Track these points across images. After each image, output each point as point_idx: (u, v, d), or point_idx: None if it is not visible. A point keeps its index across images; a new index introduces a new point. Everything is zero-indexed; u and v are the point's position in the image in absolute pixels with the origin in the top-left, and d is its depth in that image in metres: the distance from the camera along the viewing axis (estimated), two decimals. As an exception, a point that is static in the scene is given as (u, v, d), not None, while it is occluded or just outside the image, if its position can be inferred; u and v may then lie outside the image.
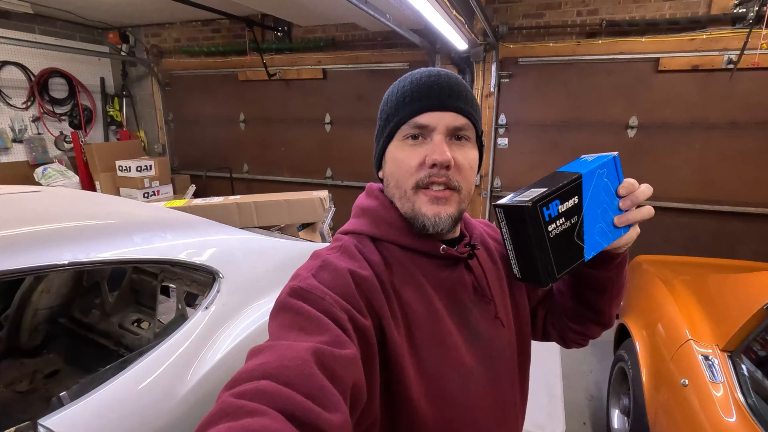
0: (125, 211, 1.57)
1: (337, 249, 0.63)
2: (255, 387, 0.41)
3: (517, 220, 0.54)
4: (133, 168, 4.08)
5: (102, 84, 4.95)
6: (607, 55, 3.26)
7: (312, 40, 4.11)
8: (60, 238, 1.20)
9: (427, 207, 0.61)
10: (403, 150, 0.62)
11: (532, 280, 0.57)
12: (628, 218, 0.60)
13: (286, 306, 0.54)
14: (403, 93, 0.63)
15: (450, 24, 2.50)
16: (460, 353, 0.63)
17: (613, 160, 0.60)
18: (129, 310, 2.26)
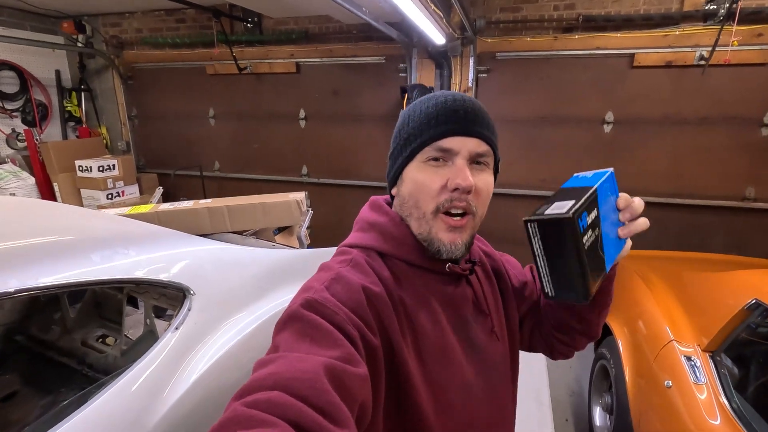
0: (82, 224, 1.43)
1: (347, 262, 0.63)
2: (267, 397, 0.41)
3: (555, 233, 0.53)
4: (94, 168, 3.83)
5: (57, 77, 4.62)
6: (583, 51, 3.26)
7: (284, 33, 3.95)
8: (5, 262, 1.06)
9: (444, 234, 0.62)
10: (424, 171, 0.63)
11: (569, 296, 0.56)
12: (631, 229, 0.62)
13: (298, 317, 0.53)
14: (428, 115, 0.63)
15: (428, 17, 2.42)
16: (462, 366, 0.65)
17: (612, 176, 0.63)
18: (93, 326, 2.11)
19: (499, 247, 0.88)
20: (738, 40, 2.82)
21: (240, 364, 1.43)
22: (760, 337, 1.50)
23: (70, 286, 1.16)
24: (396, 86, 3.69)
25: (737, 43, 2.80)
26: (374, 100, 3.85)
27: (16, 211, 1.50)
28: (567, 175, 2.78)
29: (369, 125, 3.93)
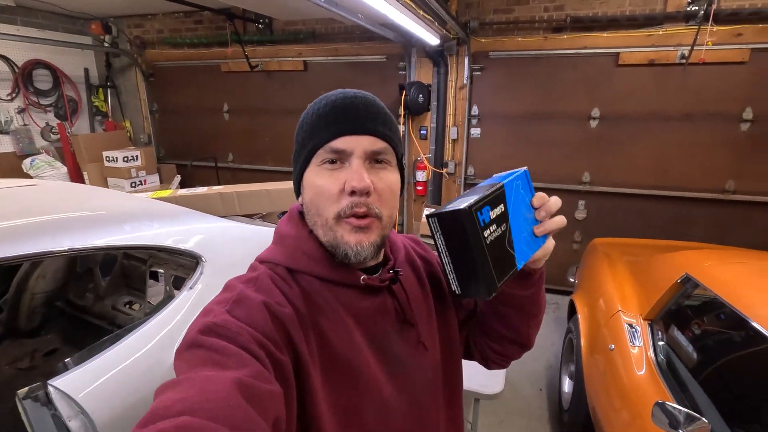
0: (115, 203, 1.74)
1: (253, 281, 0.60)
2: (174, 425, 0.38)
3: (454, 228, 0.53)
4: (119, 158, 4.20)
5: (86, 75, 5.00)
6: (571, 50, 3.45)
7: (292, 33, 4.23)
8: (59, 228, 1.37)
9: (350, 235, 0.59)
10: (320, 176, 0.60)
11: (474, 292, 0.55)
12: (546, 227, 0.61)
13: (197, 343, 0.50)
14: (319, 115, 0.60)
15: (418, 23, 2.66)
16: (377, 384, 0.62)
17: (525, 174, 0.62)
18: (121, 293, 2.44)
19: None
20: (713, 40, 2.98)
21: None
22: (690, 305, 1.73)
23: (109, 249, 1.46)
24: (396, 83, 3.94)
25: (711, 43, 2.96)
26: (376, 96, 4.10)
27: (62, 192, 1.82)
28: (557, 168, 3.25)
29: (371, 120, 4.19)
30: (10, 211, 1.44)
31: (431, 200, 4.15)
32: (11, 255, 1.23)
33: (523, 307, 0.70)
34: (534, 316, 0.73)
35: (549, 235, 0.62)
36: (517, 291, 0.67)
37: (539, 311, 0.73)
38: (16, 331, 2.41)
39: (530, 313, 0.71)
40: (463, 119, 3.91)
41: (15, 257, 1.23)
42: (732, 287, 1.52)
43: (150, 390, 1.41)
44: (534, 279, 0.67)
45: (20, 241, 1.26)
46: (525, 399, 2.62)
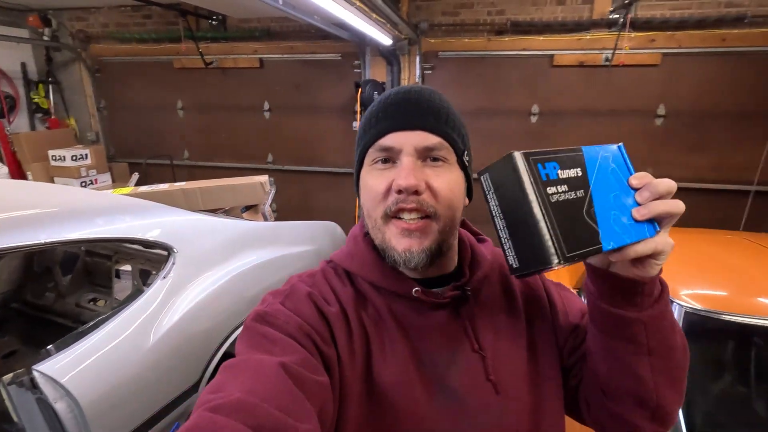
0: (83, 198, 1.79)
1: (311, 277, 0.62)
2: (231, 401, 0.41)
3: (508, 179, 0.44)
4: (67, 157, 4.06)
5: (23, 69, 4.75)
6: (512, 51, 3.76)
7: (247, 30, 4.26)
8: (34, 223, 1.43)
9: (397, 240, 0.55)
10: (371, 175, 0.57)
11: (535, 261, 0.44)
12: (650, 208, 0.47)
13: (251, 330, 0.54)
14: (371, 114, 0.59)
15: (371, 24, 2.83)
16: (419, 411, 0.55)
17: (619, 149, 0.54)
18: (84, 291, 2.45)
19: None
20: (630, 45, 3.38)
21: (211, 307, 1.82)
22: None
23: (86, 241, 1.53)
24: (352, 81, 4.09)
25: (628, 48, 3.36)
26: (332, 94, 4.25)
27: (26, 188, 1.83)
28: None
29: (328, 116, 4.33)
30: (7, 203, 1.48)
31: (388, 193, 4.36)
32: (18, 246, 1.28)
33: (638, 340, 0.51)
34: (661, 356, 0.51)
35: (661, 228, 0.48)
36: (627, 312, 0.50)
37: (670, 350, 0.52)
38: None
39: (652, 349, 0.51)
40: (416, 115, 4.13)
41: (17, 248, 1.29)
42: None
43: (131, 371, 1.50)
44: (646, 293, 0.49)
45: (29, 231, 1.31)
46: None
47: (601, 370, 0.56)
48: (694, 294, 1.45)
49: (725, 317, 1.34)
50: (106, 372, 1.44)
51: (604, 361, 0.55)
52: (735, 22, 3.28)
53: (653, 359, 0.51)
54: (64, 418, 1.32)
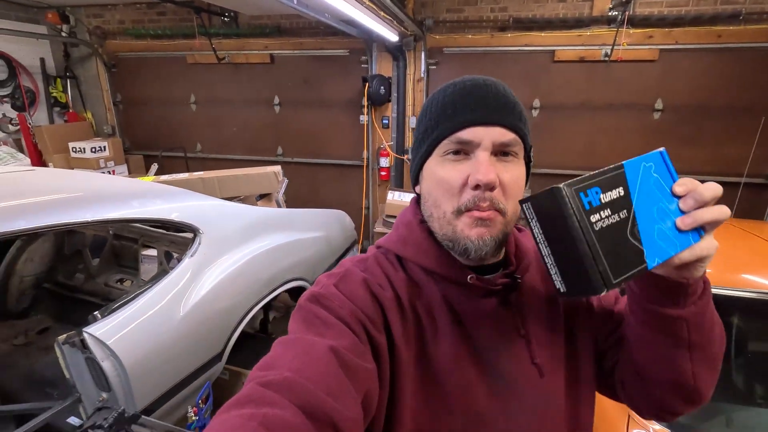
0: (120, 184, 1.97)
1: (363, 262, 0.63)
2: (281, 379, 0.44)
3: (552, 211, 0.46)
4: (87, 149, 4.24)
5: (42, 65, 4.93)
6: (514, 47, 3.89)
7: (258, 27, 4.41)
8: (83, 203, 1.60)
9: (471, 229, 0.55)
10: (443, 167, 0.57)
11: (582, 289, 0.46)
12: (695, 218, 0.48)
13: (305, 309, 0.55)
14: (445, 104, 0.58)
15: (378, 22, 2.97)
16: (471, 394, 0.58)
17: (660, 155, 0.53)
18: (112, 272, 2.64)
19: None
20: (630, 41, 3.50)
21: (232, 286, 1.99)
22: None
23: (124, 221, 1.70)
24: (359, 75, 4.24)
25: (626, 44, 3.48)
26: (340, 88, 4.40)
27: (66, 176, 2.01)
28: None
29: (336, 110, 4.48)
30: (29, 190, 1.65)
31: (394, 184, 4.51)
32: (44, 225, 1.46)
33: (680, 335, 0.54)
34: (701, 348, 0.55)
35: (705, 232, 0.49)
36: (669, 310, 0.53)
37: (709, 343, 0.56)
38: (5, 313, 2.55)
39: (693, 343, 0.54)
40: (421, 109, 4.28)
41: (49, 226, 1.46)
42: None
43: (165, 338, 1.68)
44: (690, 293, 0.52)
45: (51, 213, 1.49)
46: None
47: (639, 358, 0.59)
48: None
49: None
50: (145, 337, 1.62)
51: (643, 351, 0.58)
52: (730, 19, 3.40)
53: (693, 352, 0.55)
54: (110, 376, 1.50)
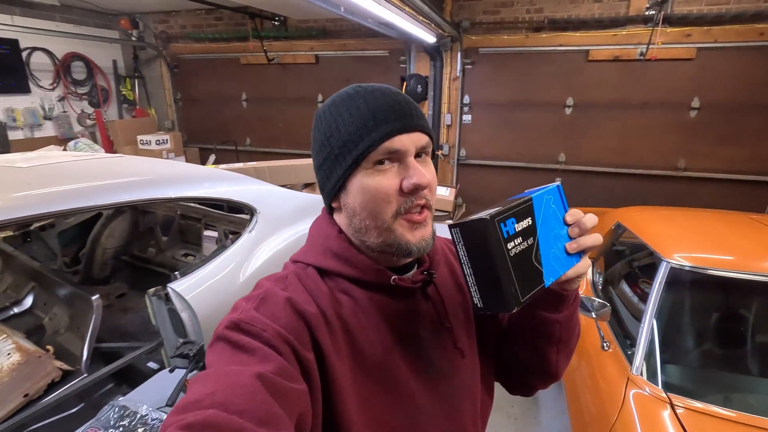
0: (193, 169, 2.32)
1: (281, 280, 0.62)
2: (202, 419, 0.41)
3: (476, 238, 0.51)
4: (152, 141, 4.74)
5: (114, 66, 5.51)
6: (549, 47, 4.00)
7: (305, 29, 4.75)
8: (168, 182, 1.94)
9: (410, 234, 0.58)
10: (374, 178, 0.58)
11: (497, 306, 0.53)
12: (579, 244, 0.58)
13: (224, 338, 0.53)
14: (362, 116, 0.58)
15: (417, 25, 3.20)
16: (408, 388, 0.61)
17: (557, 189, 0.60)
18: (178, 248, 3.02)
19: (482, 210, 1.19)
20: (666, 40, 3.55)
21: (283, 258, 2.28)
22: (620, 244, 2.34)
23: (200, 199, 2.04)
24: (398, 75, 4.49)
25: (661, 43, 3.53)
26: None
27: (148, 162, 2.38)
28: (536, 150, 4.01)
29: (375, 108, 4.75)
30: (122, 172, 2.02)
31: (428, 178, 4.73)
32: (138, 199, 1.80)
33: (553, 333, 0.66)
34: (565, 343, 0.68)
35: (583, 253, 0.59)
36: (549, 314, 0.64)
37: (571, 338, 0.69)
38: (91, 279, 2.99)
39: (561, 339, 0.67)
40: (456, 107, 4.47)
41: (145, 200, 1.80)
42: (645, 227, 2.12)
43: (229, 298, 2.00)
44: (568, 301, 0.63)
45: (145, 190, 1.83)
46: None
47: (518, 350, 0.71)
48: (685, 256, 1.75)
49: (708, 272, 1.63)
50: (213, 296, 1.94)
51: (523, 345, 0.70)
52: (773, 17, 3.38)
53: (560, 346, 0.68)
54: (187, 324, 1.83)
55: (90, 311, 1.79)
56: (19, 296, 2.16)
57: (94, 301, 1.79)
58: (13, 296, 2.18)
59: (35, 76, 4.68)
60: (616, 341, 1.73)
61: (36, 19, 4.61)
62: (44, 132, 4.85)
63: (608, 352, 1.70)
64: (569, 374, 1.95)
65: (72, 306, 1.96)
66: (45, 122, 4.83)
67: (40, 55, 4.72)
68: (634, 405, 1.45)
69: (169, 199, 1.90)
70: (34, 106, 4.71)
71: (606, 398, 1.55)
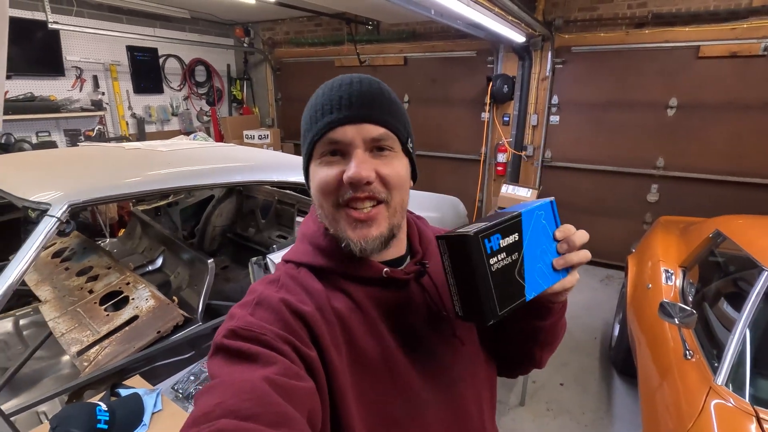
0: (289, 158, 2.62)
1: (275, 282, 0.61)
2: (216, 429, 0.40)
3: (460, 251, 0.52)
4: (255, 136, 5.32)
5: (228, 69, 6.25)
6: (652, 44, 3.74)
7: (396, 33, 4.97)
8: (273, 167, 2.24)
9: (351, 232, 0.57)
10: (321, 168, 0.58)
11: (474, 317, 0.54)
12: (566, 260, 0.58)
13: (224, 348, 0.52)
14: (315, 106, 0.60)
15: (506, 26, 3.22)
16: (408, 378, 0.61)
17: (550, 204, 0.61)
18: (274, 229, 3.40)
19: (566, 214, 1.27)
20: (796, 33, 3.13)
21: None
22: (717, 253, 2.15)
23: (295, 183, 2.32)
24: (484, 75, 4.50)
25: (791, 36, 3.12)
26: (465, 87, 4.72)
27: (253, 150, 2.75)
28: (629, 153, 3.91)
29: (459, 107, 4.82)
30: (235, 158, 2.36)
31: (510, 179, 4.68)
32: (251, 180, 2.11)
33: (538, 337, 0.69)
34: (549, 344, 0.72)
35: (572, 269, 0.59)
36: (535, 321, 0.66)
37: (555, 340, 0.72)
38: (202, 251, 3.46)
39: (545, 341, 0.70)
40: (544, 107, 4.36)
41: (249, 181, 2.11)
42: (749, 237, 1.95)
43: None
44: (554, 311, 0.65)
45: (252, 173, 2.14)
46: (582, 345, 3.13)
47: (505, 346, 0.74)
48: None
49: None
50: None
51: (510, 343, 0.73)
52: None
53: (544, 345, 0.71)
54: (280, 291, 2.10)
55: (206, 272, 2.13)
56: (152, 257, 2.63)
57: (209, 264, 2.13)
58: (148, 256, 2.65)
59: (168, 79, 5.51)
60: (701, 350, 1.64)
61: (171, 30, 5.43)
62: (171, 126, 5.68)
63: (690, 361, 1.62)
64: (646, 380, 1.88)
65: (192, 267, 2.35)
66: (172, 118, 5.65)
67: (172, 61, 5.54)
68: (715, 416, 1.38)
69: (271, 182, 2.19)
70: (165, 104, 5.54)
71: (684, 407, 1.49)
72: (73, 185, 1.58)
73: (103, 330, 1.60)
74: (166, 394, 1.35)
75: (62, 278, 2.00)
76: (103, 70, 4.86)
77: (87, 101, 4.67)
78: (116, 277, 1.94)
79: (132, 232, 2.97)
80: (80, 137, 4.63)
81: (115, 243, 2.95)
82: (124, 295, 1.83)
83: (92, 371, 1.43)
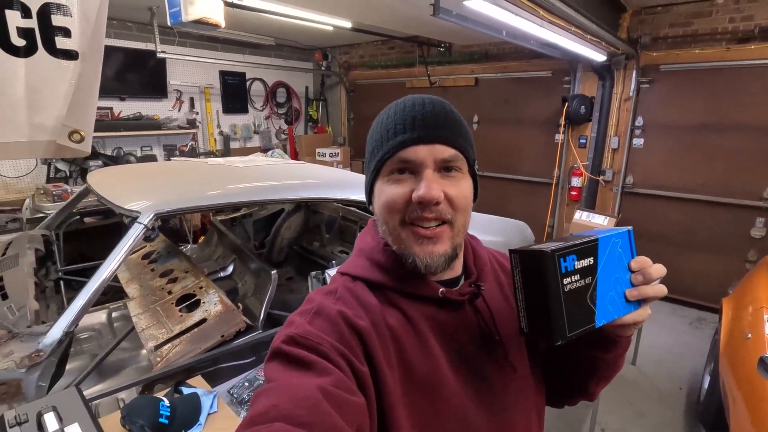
0: (354, 177, 2.71)
1: (332, 293, 0.62)
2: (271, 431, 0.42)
3: (533, 267, 0.52)
4: (327, 154, 5.57)
5: (306, 91, 6.65)
6: (759, 60, 3.34)
7: (468, 54, 4.97)
8: (333, 186, 2.33)
9: (417, 247, 0.58)
10: (389, 186, 0.59)
11: (541, 336, 0.54)
12: (641, 292, 0.56)
13: (282, 353, 0.53)
14: (386, 125, 0.61)
15: (585, 45, 3.07)
16: (458, 400, 0.60)
17: (628, 234, 0.59)
18: (336, 244, 3.50)
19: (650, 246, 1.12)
20: None
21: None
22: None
23: (356, 202, 2.37)
24: (559, 95, 4.32)
25: None
26: (538, 108, 4.55)
27: (322, 168, 2.87)
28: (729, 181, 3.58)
29: (531, 129, 4.65)
30: (304, 175, 2.48)
31: (584, 205, 4.38)
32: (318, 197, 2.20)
33: (597, 369, 0.67)
34: (606, 378, 0.70)
35: (644, 302, 0.58)
36: (598, 352, 0.64)
37: (612, 374, 0.70)
38: (270, 261, 3.65)
39: (603, 375, 0.68)
40: (626, 129, 4.06)
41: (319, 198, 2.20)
42: None
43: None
44: (619, 344, 0.62)
45: (318, 190, 2.23)
46: (665, 395, 2.79)
47: (561, 372, 0.71)
48: None
49: None
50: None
51: (564, 375, 0.71)
52: None
53: (600, 379, 0.70)
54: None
55: (269, 282, 2.24)
56: (225, 264, 2.83)
57: (273, 275, 2.24)
58: (221, 263, 2.86)
59: (252, 100, 6.00)
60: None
61: (258, 57, 5.93)
62: (253, 143, 6.14)
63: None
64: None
65: (258, 277, 2.49)
66: (254, 135, 6.12)
67: (257, 84, 6.03)
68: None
69: (336, 200, 2.26)
70: (248, 123, 6.03)
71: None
72: (160, 196, 1.77)
73: (176, 329, 1.75)
74: (223, 397, 1.42)
75: (148, 278, 2.22)
76: (198, 92, 5.43)
77: (183, 120, 5.23)
78: (192, 281, 2.10)
79: (210, 239, 3.22)
80: (175, 152, 5.18)
81: (195, 249, 3.21)
82: (196, 298, 1.98)
83: (163, 366, 1.56)
